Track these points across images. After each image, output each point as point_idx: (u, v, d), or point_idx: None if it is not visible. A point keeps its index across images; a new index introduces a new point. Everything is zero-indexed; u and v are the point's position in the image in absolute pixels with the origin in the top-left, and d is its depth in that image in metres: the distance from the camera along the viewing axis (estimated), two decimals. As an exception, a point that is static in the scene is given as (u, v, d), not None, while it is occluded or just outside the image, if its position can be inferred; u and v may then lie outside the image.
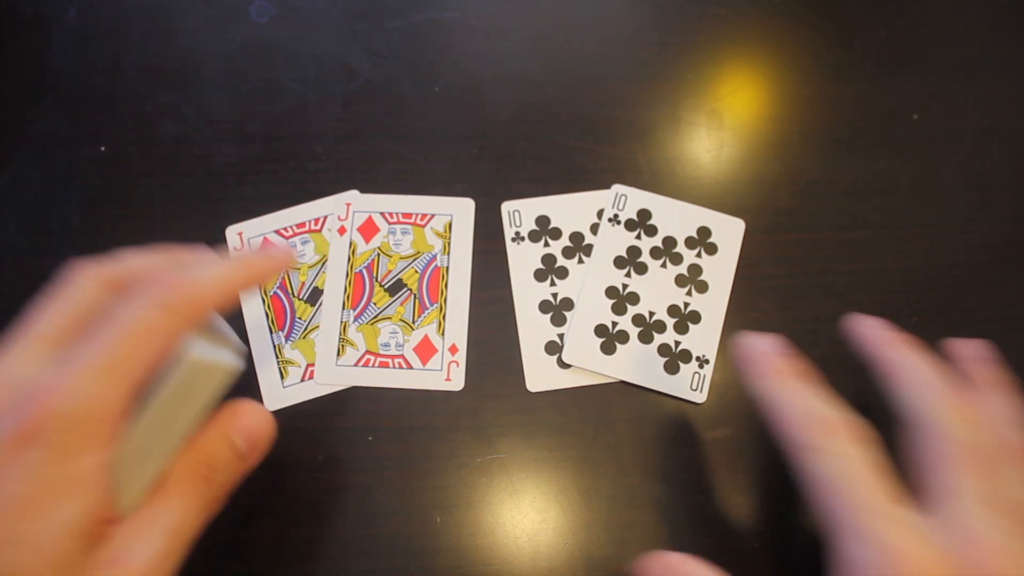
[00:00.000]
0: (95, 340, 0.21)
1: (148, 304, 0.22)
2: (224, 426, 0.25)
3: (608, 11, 0.43)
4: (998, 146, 0.41)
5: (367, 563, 0.31)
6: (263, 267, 0.26)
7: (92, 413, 0.20)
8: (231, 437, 0.24)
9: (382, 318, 0.36)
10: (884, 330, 0.29)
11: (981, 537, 0.22)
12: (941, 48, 0.43)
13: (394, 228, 0.37)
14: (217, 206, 0.37)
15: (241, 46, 0.41)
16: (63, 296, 0.23)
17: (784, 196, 0.39)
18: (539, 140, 0.40)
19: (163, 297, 0.22)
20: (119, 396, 0.21)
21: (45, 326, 0.23)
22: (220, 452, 0.24)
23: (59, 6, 0.42)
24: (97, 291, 0.24)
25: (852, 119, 0.41)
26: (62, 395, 0.20)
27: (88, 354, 0.21)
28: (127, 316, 0.22)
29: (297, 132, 0.39)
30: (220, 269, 0.24)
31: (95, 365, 0.21)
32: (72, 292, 0.24)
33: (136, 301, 0.22)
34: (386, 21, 0.42)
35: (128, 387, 0.21)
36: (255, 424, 0.25)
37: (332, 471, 0.33)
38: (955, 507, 0.23)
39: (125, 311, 0.22)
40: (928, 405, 0.25)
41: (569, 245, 0.37)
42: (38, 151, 0.38)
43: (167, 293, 0.22)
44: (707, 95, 0.41)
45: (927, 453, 0.24)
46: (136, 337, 0.21)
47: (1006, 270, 0.38)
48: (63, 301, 0.23)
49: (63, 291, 0.24)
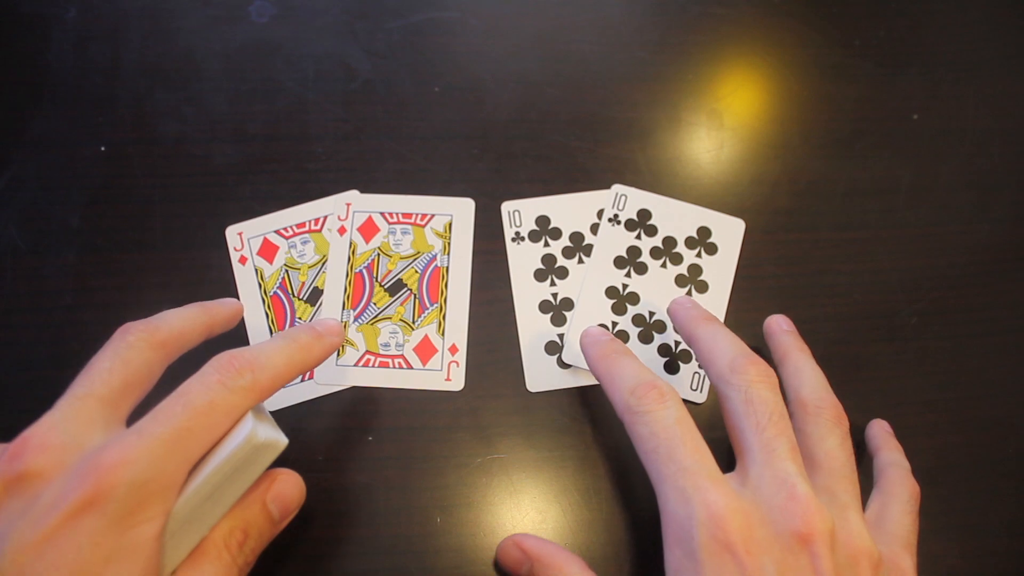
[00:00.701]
0: (162, 413, 0.22)
1: (214, 384, 0.23)
2: (261, 494, 0.25)
3: (608, 11, 0.43)
4: (998, 146, 0.41)
5: (367, 563, 0.31)
6: (318, 351, 0.27)
7: (154, 485, 0.21)
8: (267, 504, 0.25)
9: (382, 318, 0.36)
10: (690, 309, 0.31)
11: (791, 490, 0.23)
12: (941, 48, 0.43)
13: (394, 228, 0.37)
14: (217, 206, 0.37)
15: (241, 46, 0.41)
16: (117, 356, 0.24)
17: (784, 196, 0.39)
18: (539, 140, 0.40)
19: (229, 378, 0.23)
20: (180, 470, 0.22)
21: (101, 386, 0.23)
22: (256, 519, 0.25)
23: (59, 6, 0.42)
24: (149, 353, 0.25)
25: (852, 119, 0.41)
26: (127, 464, 0.20)
27: (154, 427, 0.22)
28: (193, 393, 0.23)
29: (297, 132, 0.39)
30: (280, 353, 0.25)
31: (161, 438, 0.21)
32: (126, 353, 0.24)
33: (203, 380, 0.23)
34: (386, 21, 0.42)
35: (189, 462, 0.22)
36: (288, 490, 0.26)
37: (332, 471, 0.33)
38: (767, 464, 0.24)
39: (191, 388, 0.23)
40: (731, 373, 0.26)
41: (569, 245, 0.37)
42: (38, 151, 0.38)
43: (232, 374, 0.23)
44: (707, 95, 0.41)
45: (736, 417, 0.26)
46: (201, 414, 0.22)
47: (1006, 270, 0.38)
48: (118, 361, 0.24)
49: (117, 352, 0.24)
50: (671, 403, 0.25)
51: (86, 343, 0.25)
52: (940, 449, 0.34)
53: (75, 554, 0.20)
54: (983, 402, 0.35)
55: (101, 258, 0.36)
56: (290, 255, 0.36)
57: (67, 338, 0.34)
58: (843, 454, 0.27)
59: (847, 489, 0.26)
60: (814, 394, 0.28)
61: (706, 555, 0.22)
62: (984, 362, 0.36)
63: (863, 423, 0.34)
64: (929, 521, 0.33)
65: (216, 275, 0.36)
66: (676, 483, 0.23)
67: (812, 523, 0.23)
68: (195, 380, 0.23)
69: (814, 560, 0.22)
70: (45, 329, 0.35)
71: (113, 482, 0.20)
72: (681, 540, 0.23)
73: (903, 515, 0.28)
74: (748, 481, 0.25)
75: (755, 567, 0.22)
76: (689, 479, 0.23)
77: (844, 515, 0.25)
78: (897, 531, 0.27)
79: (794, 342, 0.31)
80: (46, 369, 0.34)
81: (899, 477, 0.30)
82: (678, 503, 0.23)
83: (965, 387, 0.35)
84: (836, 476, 0.26)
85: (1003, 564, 0.32)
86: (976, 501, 0.33)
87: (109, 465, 0.20)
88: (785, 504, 0.23)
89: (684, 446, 0.24)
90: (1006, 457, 0.34)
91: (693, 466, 0.24)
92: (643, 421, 0.25)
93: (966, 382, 0.36)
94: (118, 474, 0.20)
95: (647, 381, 0.26)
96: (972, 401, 0.35)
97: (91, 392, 0.23)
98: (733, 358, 0.27)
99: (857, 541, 0.24)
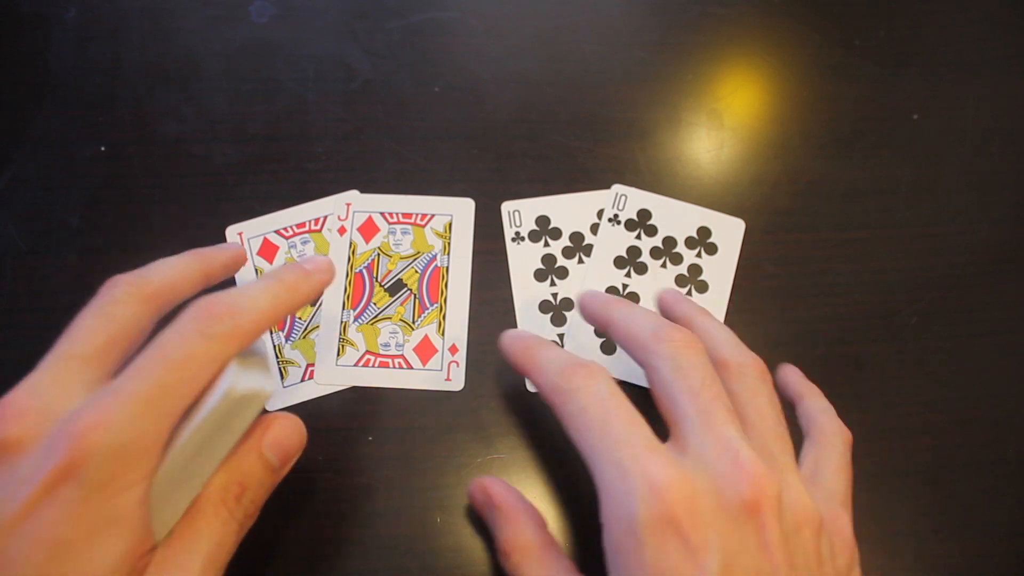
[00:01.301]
0: (137, 370, 0.21)
1: (191, 333, 0.21)
2: (256, 442, 0.24)
3: (608, 11, 0.43)
4: (998, 146, 0.41)
5: (367, 563, 0.31)
6: (306, 289, 0.25)
7: (133, 447, 0.20)
8: (263, 452, 0.24)
9: (382, 318, 0.36)
10: (599, 296, 0.29)
11: (735, 456, 0.22)
12: (941, 48, 0.43)
13: (394, 228, 0.37)
14: (217, 206, 0.37)
15: (241, 46, 0.41)
16: (102, 312, 0.23)
17: (784, 196, 0.39)
18: (539, 140, 0.40)
19: (206, 326, 0.22)
20: (161, 429, 0.21)
21: (83, 344, 0.22)
22: (252, 469, 0.24)
23: (59, 6, 0.42)
24: (136, 307, 0.23)
25: (852, 119, 0.41)
26: (102, 429, 0.19)
27: (130, 385, 0.20)
28: (170, 345, 0.21)
29: (297, 132, 0.39)
30: (263, 293, 0.24)
31: (137, 397, 0.20)
32: (111, 308, 0.23)
33: (179, 329, 0.22)
34: (386, 21, 0.42)
35: (170, 419, 0.21)
36: (286, 436, 0.25)
37: (332, 471, 0.33)
38: (706, 430, 0.23)
39: (168, 340, 0.21)
40: (656, 343, 0.25)
41: (569, 245, 0.37)
42: (38, 151, 0.38)
43: (210, 321, 0.22)
44: (707, 95, 0.41)
45: (667, 386, 0.24)
46: (179, 367, 0.21)
47: (1006, 270, 0.38)
48: (102, 318, 0.23)
49: (101, 307, 0.23)
50: (601, 378, 0.24)
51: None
52: (940, 449, 0.34)
53: (53, 528, 0.19)
54: (983, 402, 0.35)
55: (101, 258, 0.36)
56: (290, 255, 0.36)
57: (67, 338, 0.34)
58: (774, 411, 0.26)
59: (784, 449, 0.25)
60: (734, 352, 0.27)
61: (647, 532, 0.20)
62: (984, 362, 0.36)
63: (863, 423, 0.34)
64: (929, 521, 0.33)
65: (216, 275, 0.36)
66: (612, 456, 0.22)
67: (760, 490, 0.21)
68: (171, 330, 0.22)
69: (761, 531, 0.21)
70: (45, 329, 0.35)
71: (88, 448, 0.19)
72: (620, 517, 0.21)
73: (839, 469, 0.27)
74: (688, 449, 0.23)
75: (700, 542, 0.20)
76: (626, 450, 0.22)
77: (785, 478, 0.24)
78: (834, 487, 0.26)
79: (694, 306, 0.30)
80: (46, 369, 0.34)
81: (830, 426, 0.29)
82: (616, 477, 0.21)
83: (965, 387, 0.35)
84: (771, 436, 0.25)
85: (1003, 564, 0.32)
86: (976, 501, 0.33)
87: (82, 430, 0.19)
88: (730, 471, 0.22)
89: (618, 418, 0.23)
90: (1006, 457, 0.34)
91: (629, 437, 0.22)
92: (573, 399, 0.24)
93: (966, 382, 0.36)
94: (92, 439, 0.19)
95: (575, 362, 0.24)
96: (972, 401, 0.35)
97: (73, 352, 0.22)
98: (655, 328, 0.25)
99: (799, 506, 0.23)
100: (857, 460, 0.31)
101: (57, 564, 0.19)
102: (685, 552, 0.20)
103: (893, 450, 0.34)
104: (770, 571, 0.21)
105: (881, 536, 0.33)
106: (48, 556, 0.19)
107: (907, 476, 0.34)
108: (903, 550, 0.32)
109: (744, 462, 0.22)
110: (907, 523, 0.33)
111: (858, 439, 0.34)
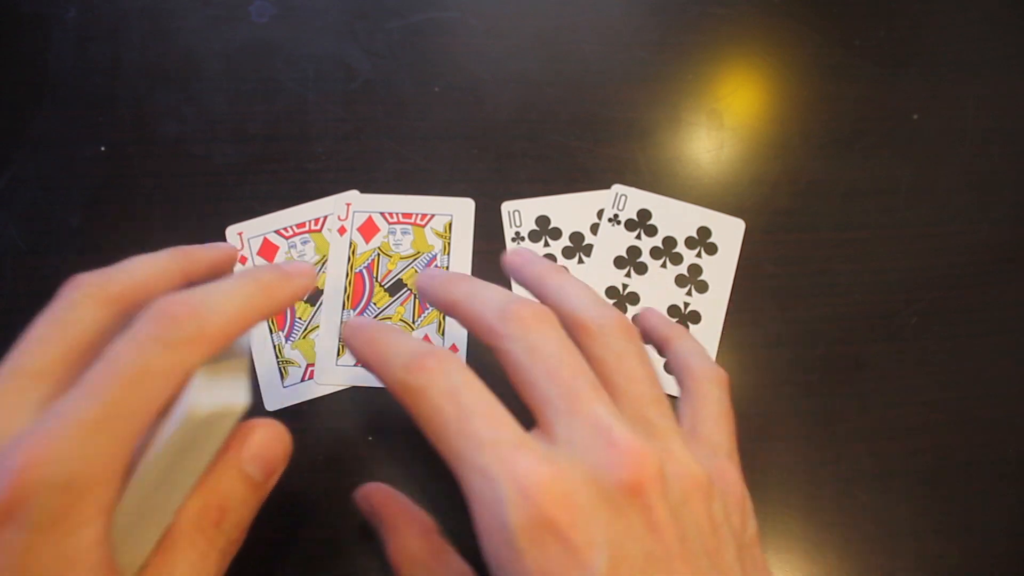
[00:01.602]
0: (85, 388, 0.18)
1: (147, 340, 0.18)
2: (234, 457, 0.21)
3: (608, 11, 0.43)
4: (998, 146, 0.41)
5: (367, 563, 0.31)
6: (283, 293, 0.22)
7: (83, 480, 0.17)
8: (243, 468, 0.21)
9: (382, 318, 0.36)
10: (437, 275, 0.25)
11: (607, 436, 0.20)
12: (941, 48, 0.43)
13: (394, 228, 0.37)
14: (217, 206, 0.37)
15: (241, 46, 0.41)
16: (57, 319, 0.20)
17: (784, 196, 0.39)
18: (539, 140, 0.40)
19: (166, 331, 0.18)
20: (115, 456, 0.17)
21: (34, 358, 0.19)
22: (232, 488, 0.21)
23: (59, 6, 0.42)
24: (98, 312, 0.20)
25: (852, 119, 0.41)
26: (45, 461, 0.16)
27: (76, 406, 0.17)
28: (123, 357, 0.18)
29: (297, 132, 0.39)
30: (235, 293, 0.21)
31: (85, 420, 0.17)
32: (68, 314, 0.20)
33: (134, 336, 0.18)
34: (386, 21, 0.42)
35: (126, 444, 0.18)
36: (268, 445, 0.22)
37: (332, 471, 0.33)
38: (573, 411, 0.21)
39: (120, 351, 0.18)
40: (503, 324, 0.22)
41: (569, 245, 0.37)
42: (38, 151, 0.38)
43: (171, 326, 0.19)
44: (707, 95, 0.41)
45: (523, 371, 0.22)
46: (133, 383, 0.18)
47: (1006, 270, 0.38)
48: (57, 325, 0.20)
49: (57, 313, 0.20)
50: (452, 367, 0.21)
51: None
52: (940, 449, 0.34)
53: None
54: (983, 402, 0.35)
55: (101, 258, 0.36)
56: (290, 255, 0.36)
57: (67, 338, 0.34)
58: (644, 371, 0.23)
59: (661, 413, 0.22)
60: (592, 311, 0.23)
61: (524, 540, 0.18)
62: (984, 362, 0.36)
63: (863, 423, 0.34)
64: (929, 521, 0.33)
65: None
66: (475, 462, 0.19)
67: (640, 469, 0.19)
68: (125, 338, 0.18)
69: (647, 512, 0.19)
70: (45, 329, 0.35)
71: (29, 485, 0.16)
72: (494, 528, 0.19)
73: (718, 417, 0.25)
74: (557, 437, 0.20)
75: (582, 541, 0.18)
76: (490, 453, 0.19)
77: (666, 446, 0.21)
78: (717, 439, 0.24)
79: (545, 265, 0.26)
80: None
81: (702, 370, 0.26)
82: (483, 485, 0.19)
83: (965, 387, 0.35)
84: (645, 400, 0.22)
85: (1003, 564, 0.32)
86: (976, 501, 0.33)
87: (22, 465, 0.16)
88: (604, 454, 0.20)
89: (476, 414, 0.20)
90: (1006, 457, 0.34)
91: (491, 436, 0.20)
92: (423, 398, 0.20)
93: (966, 382, 0.36)
94: (32, 476, 0.16)
95: (421, 352, 0.21)
96: (972, 401, 0.35)
97: (22, 367, 0.19)
98: (501, 307, 0.22)
99: (685, 472, 0.21)
100: (857, 460, 0.32)
101: None
102: (567, 554, 0.18)
103: (893, 450, 0.34)
104: (662, 553, 0.19)
105: (881, 536, 0.33)
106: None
107: (907, 476, 0.34)
108: (903, 550, 0.32)
109: (618, 441, 0.20)
110: (907, 523, 0.33)
111: (858, 439, 0.34)
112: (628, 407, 0.22)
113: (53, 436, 0.17)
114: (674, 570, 0.19)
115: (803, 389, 0.35)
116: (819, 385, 0.35)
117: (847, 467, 0.34)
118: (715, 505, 0.21)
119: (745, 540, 0.23)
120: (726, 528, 0.21)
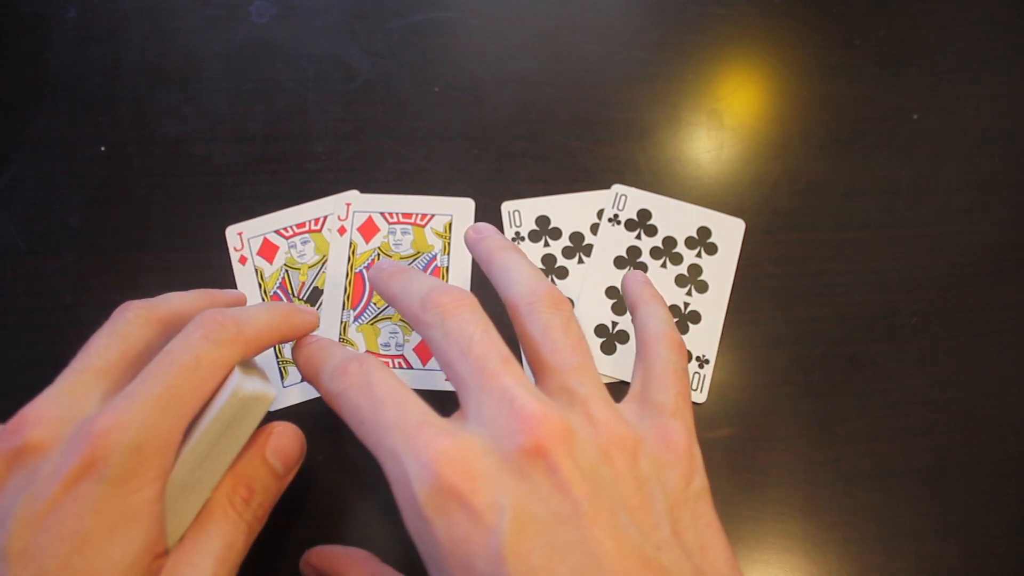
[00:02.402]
0: (149, 375, 0.22)
1: (198, 339, 0.23)
2: (260, 448, 0.25)
3: (608, 11, 0.43)
4: (998, 146, 0.41)
5: (367, 563, 0.31)
6: (297, 320, 0.26)
7: (148, 445, 0.21)
8: (267, 458, 0.25)
9: (382, 318, 0.36)
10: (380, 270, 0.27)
11: (510, 404, 0.21)
12: (941, 48, 0.43)
13: (394, 228, 0.37)
14: (217, 206, 0.37)
15: (241, 46, 0.41)
16: (114, 332, 0.24)
17: (784, 196, 0.39)
18: (539, 140, 0.40)
19: (212, 332, 0.23)
20: (173, 429, 0.22)
21: (98, 360, 0.23)
22: (258, 474, 0.25)
23: (59, 6, 0.42)
24: (147, 328, 0.25)
25: (852, 119, 0.41)
26: (119, 428, 0.20)
27: (143, 388, 0.21)
28: (178, 351, 0.22)
29: (297, 132, 0.39)
30: (261, 312, 0.25)
31: (150, 399, 0.21)
32: (123, 329, 0.24)
33: (186, 337, 0.23)
34: (386, 21, 0.42)
35: (182, 419, 0.22)
36: (288, 442, 0.26)
37: (332, 471, 0.33)
38: (481, 387, 0.22)
39: (176, 347, 0.23)
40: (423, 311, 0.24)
41: (569, 245, 0.37)
42: (38, 151, 0.38)
43: (216, 328, 0.23)
44: (707, 95, 0.41)
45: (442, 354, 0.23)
46: (188, 371, 0.22)
47: (1006, 270, 0.38)
48: (114, 336, 0.24)
49: (115, 327, 0.24)
50: (368, 367, 0.23)
51: (86, 343, 0.25)
52: (940, 449, 0.34)
53: (76, 523, 0.20)
54: (983, 402, 0.35)
55: (101, 258, 0.36)
56: (290, 255, 0.36)
57: (67, 338, 0.34)
58: (567, 341, 0.24)
59: (584, 380, 0.23)
60: (524, 288, 0.25)
61: (431, 510, 0.20)
62: (984, 362, 0.36)
63: (863, 423, 0.34)
64: (929, 521, 0.33)
65: (216, 275, 0.36)
66: (386, 447, 0.21)
67: (539, 432, 0.20)
68: (179, 339, 0.23)
69: (553, 472, 0.20)
70: (45, 329, 0.35)
71: (108, 446, 0.20)
72: (408, 504, 0.21)
73: (665, 377, 0.25)
74: (468, 413, 0.22)
75: (483, 505, 0.19)
76: (397, 435, 0.21)
77: (585, 409, 0.22)
78: (662, 399, 0.25)
79: (498, 243, 0.27)
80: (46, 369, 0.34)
81: (655, 336, 0.27)
82: (394, 465, 0.21)
83: (965, 387, 0.35)
84: (568, 370, 0.23)
85: (1003, 564, 0.32)
86: (976, 501, 0.33)
87: (102, 430, 0.20)
88: (506, 422, 0.21)
89: (386, 403, 0.22)
90: (1006, 457, 0.34)
91: (397, 420, 0.21)
92: (345, 400, 0.23)
93: (966, 382, 0.36)
94: (112, 438, 0.20)
95: (344, 360, 0.24)
96: (972, 401, 0.35)
97: (88, 365, 0.23)
98: (424, 295, 0.24)
99: (605, 431, 0.22)
100: (857, 460, 0.31)
101: (79, 557, 0.20)
102: (471, 519, 0.19)
103: (893, 450, 0.34)
104: (570, 512, 0.20)
105: (881, 536, 0.33)
106: (71, 549, 0.20)
107: (907, 476, 0.34)
108: (903, 550, 0.32)
109: (518, 408, 0.21)
110: (907, 523, 0.33)
111: (858, 439, 0.34)
112: (551, 378, 0.24)
113: (127, 409, 0.21)
114: (583, 527, 0.20)
115: (803, 389, 0.35)
116: (819, 385, 0.35)
117: (847, 467, 0.34)
118: (642, 462, 0.22)
119: (688, 495, 0.23)
120: (655, 483, 0.22)
